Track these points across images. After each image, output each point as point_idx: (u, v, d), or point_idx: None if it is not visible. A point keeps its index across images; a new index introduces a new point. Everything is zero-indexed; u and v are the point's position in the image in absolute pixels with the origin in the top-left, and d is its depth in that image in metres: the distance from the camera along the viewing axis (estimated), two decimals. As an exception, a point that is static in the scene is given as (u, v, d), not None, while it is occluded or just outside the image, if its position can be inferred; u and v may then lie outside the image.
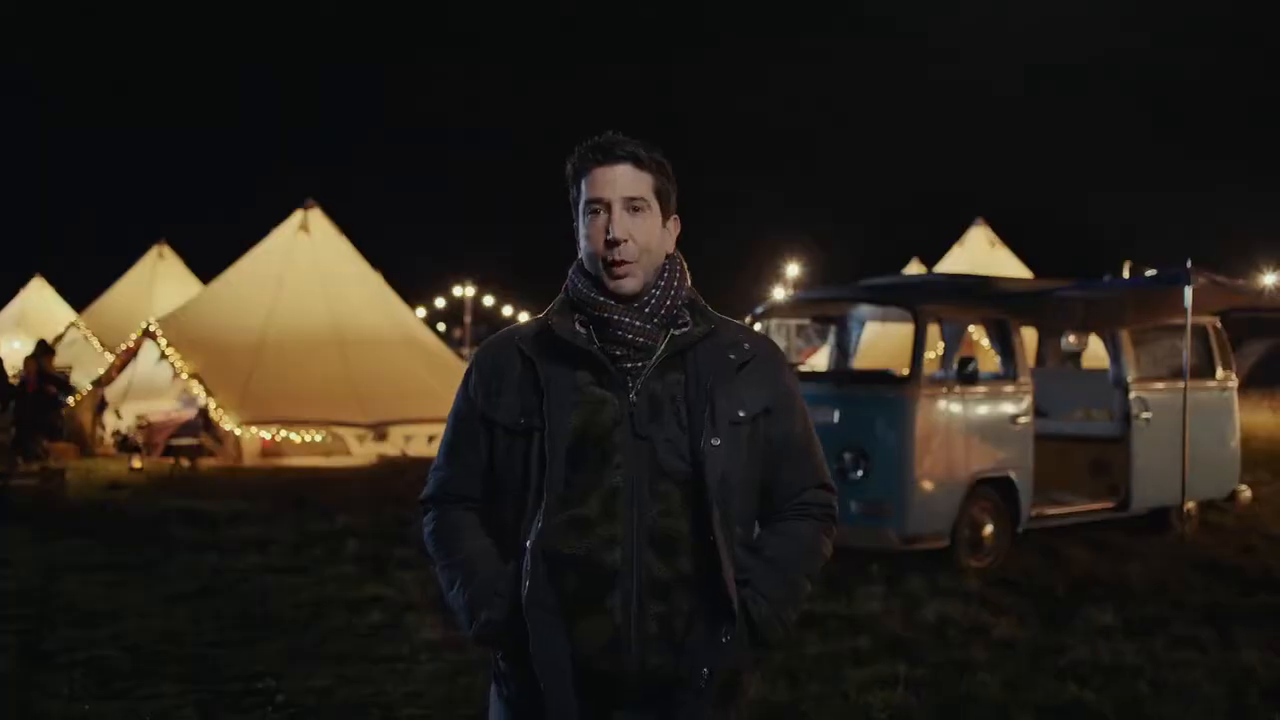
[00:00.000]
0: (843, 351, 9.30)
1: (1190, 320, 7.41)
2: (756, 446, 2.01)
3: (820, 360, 14.93)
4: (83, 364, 19.95)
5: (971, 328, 11.34)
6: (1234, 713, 4.70)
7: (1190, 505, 8.96)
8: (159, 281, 22.74)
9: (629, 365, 1.96)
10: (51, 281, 26.65)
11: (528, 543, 1.92)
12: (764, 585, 1.98)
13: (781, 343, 10.86)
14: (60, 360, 16.85)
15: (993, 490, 7.70)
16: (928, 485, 7.35)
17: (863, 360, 10.51)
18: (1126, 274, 9.06)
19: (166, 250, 23.45)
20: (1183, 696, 4.89)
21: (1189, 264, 7.19)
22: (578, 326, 1.99)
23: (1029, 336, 10.53)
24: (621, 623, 1.90)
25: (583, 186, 1.99)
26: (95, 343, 20.64)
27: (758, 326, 9.58)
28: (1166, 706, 4.77)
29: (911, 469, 7.29)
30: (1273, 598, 6.81)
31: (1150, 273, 8.07)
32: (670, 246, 2.06)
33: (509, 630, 1.94)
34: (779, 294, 22.37)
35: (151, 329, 14.89)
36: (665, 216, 2.04)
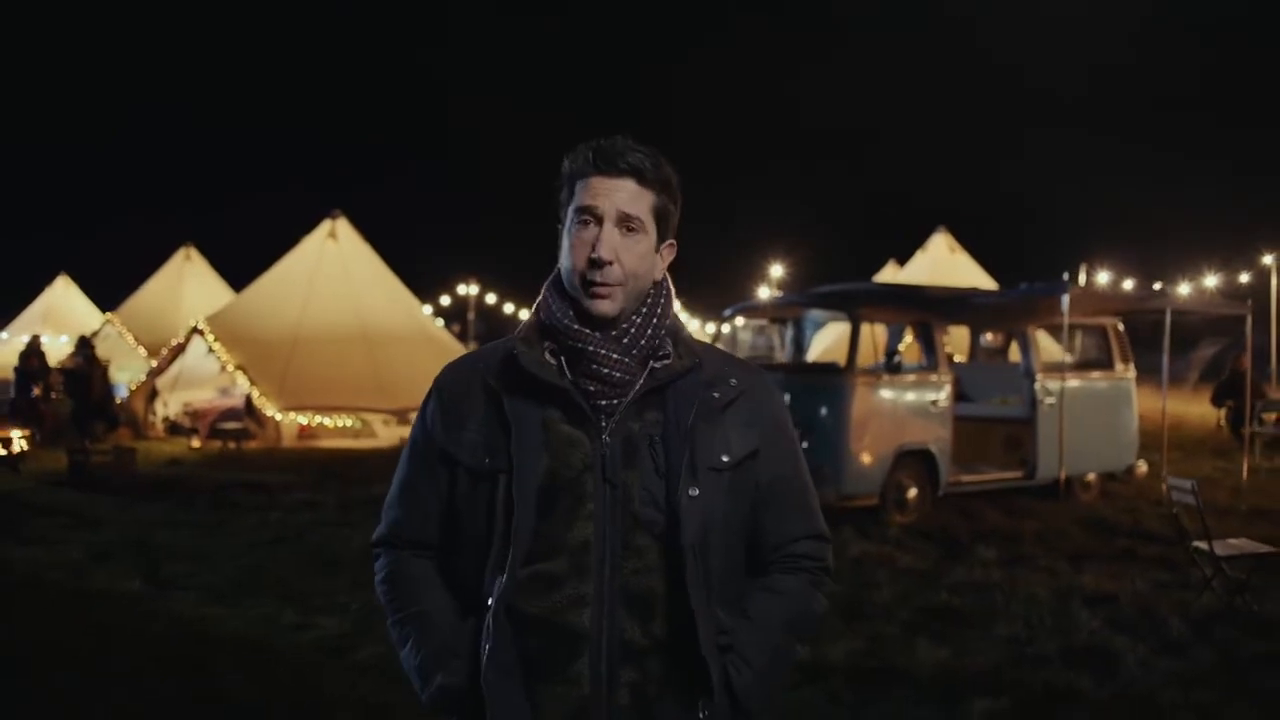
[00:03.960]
0: (797, 347, 10.98)
1: (1068, 321, 9.11)
2: (743, 494, 1.79)
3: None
4: (118, 359, 21.52)
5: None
6: (1056, 610, 6.39)
7: (1091, 476, 10.69)
8: (187, 281, 24.22)
9: (604, 403, 1.73)
10: (75, 280, 28.25)
11: (490, 599, 1.71)
12: (748, 651, 1.75)
13: (750, 339, 12.49)
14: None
15: (916, 460, 9.40)
16: (860, 455, 9.05)
17: (827, 354, 12.25)
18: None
19: (193, 252, 24.93)
20: (1022, 601, 6.60)
21: (1065, 277, 8.89)
22: (548, 357, 1.75)
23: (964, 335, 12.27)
24: (590, 692, 1.68)
25: (576, 189, 1.75)
26: (130, 339, 22.26)
27: (729, 325, 11.32)
28: (1010, 607, 6.48)
29: (847, 441, 8.98)
30: (1130, 543, 8.50)
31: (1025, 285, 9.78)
32: (659, 273, 1.81)
33: (467, 695, 1.71)
34: (763, 294, 23.98)
35: (199, 326, 16.50)
36: (660, 240, 1.79)
